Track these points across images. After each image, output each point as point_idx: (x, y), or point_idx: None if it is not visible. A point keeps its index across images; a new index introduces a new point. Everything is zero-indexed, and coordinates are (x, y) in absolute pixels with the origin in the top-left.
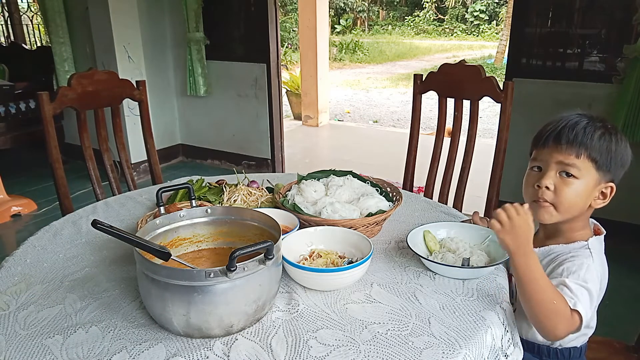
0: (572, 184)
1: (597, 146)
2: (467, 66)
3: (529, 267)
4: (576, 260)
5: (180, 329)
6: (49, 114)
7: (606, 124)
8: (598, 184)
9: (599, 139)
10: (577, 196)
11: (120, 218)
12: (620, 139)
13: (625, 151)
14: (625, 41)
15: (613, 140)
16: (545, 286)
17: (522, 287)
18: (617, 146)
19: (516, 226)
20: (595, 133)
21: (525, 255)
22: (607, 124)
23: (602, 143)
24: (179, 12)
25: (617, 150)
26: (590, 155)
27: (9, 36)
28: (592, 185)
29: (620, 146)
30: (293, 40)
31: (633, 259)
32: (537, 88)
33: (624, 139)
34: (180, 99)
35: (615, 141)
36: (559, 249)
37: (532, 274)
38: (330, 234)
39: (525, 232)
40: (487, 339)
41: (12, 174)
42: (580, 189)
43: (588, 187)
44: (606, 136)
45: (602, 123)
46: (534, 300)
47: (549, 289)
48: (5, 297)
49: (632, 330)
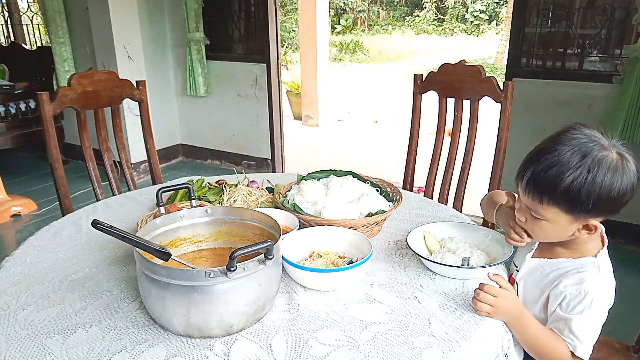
0: (541, 223)
1: (565, 195)
2: (467, 66)
3: (524, 329)
4: (582, 286)
5: (180, 329)
6: (49, 114)
7: (589, 160)
8: (572, 223)
9: (569, 187)
10: (548, 233)
11: (120, 218)
12: (608, 173)
13: (616, 185)
14: (625, 41)
15: (595, 182)
16: (544, 341)
17: (524, 345)
18: (600, 185)
19: (501, 304)
20: (564, 181)
21: (520, 320)
22: (592, 160)
23: (573, 190)
24: (179, 12)
25: (601, 190)
26: (556, 202)
27: (9, 36)
28: (566, 224)
29: (607, 183)
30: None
31: (633, 259)
32: (537, 88)
33: (616, 171)
34: (180, 99)
35: (598, 181)
36: (568, 265)
37: (531, 334)
38: (330, 234)
39: (510, 304)
40: (487, 339)
41: (12, 174)
42: (550, 228)
43: (560, 226)
44: (580, 180)
45: (581, 161)
46: (535, 351)
47: (549, 342)
48: (5, 297)
49: (632, 330)
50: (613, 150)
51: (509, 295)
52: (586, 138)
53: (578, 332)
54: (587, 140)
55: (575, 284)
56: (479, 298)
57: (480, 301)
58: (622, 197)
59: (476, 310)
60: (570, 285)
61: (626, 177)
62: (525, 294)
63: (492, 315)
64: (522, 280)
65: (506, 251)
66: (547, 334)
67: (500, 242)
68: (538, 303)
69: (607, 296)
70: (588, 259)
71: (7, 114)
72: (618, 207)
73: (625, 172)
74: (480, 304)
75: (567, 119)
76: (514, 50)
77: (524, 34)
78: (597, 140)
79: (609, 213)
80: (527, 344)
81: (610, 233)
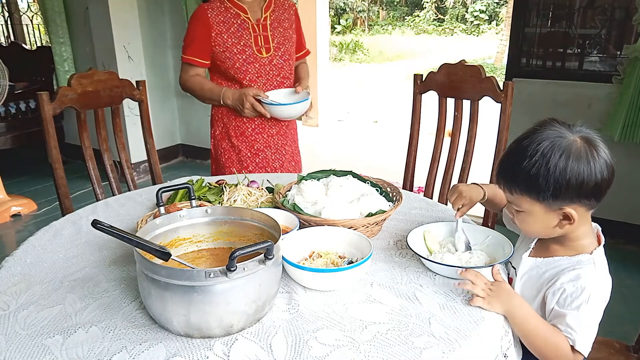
0: (522, 216)
1: (526, 182)
2: (467, 66)
3: (527, 322)
4: (579, 282)
5: (180, 329)
6: (49, 114)
7: (544, 145)
8: (548, 212)
9: (528, 173)
10: (530, 225)
11: (120, 218)
12: (562, 157)
13: (571, 168)
14: (625, 41)
15: (549, 167)
16: (544, 334)
17: (522, 337)
18: (554, 170)
19: (495, 292)
20: (522, 168)
21: (517, 309)
22: (547, 145)
23: (532, 176)
24: (179, 12)
25: (557, 174)
26: (522, 191)
27: (9, 36)
28: (542, 214)
29: (560, 167)
30: None
31: (633, 259)
32: (537, 88)
33: (572, 155)
34: (180, 99)
35: (552, 166)
36: (564, 263)
37: (530, 326)
38: (330, 234)
39: (504, 291)
40: (486, 339)
41: (12, 174)
42: (530, 220)
43: (539, 217)
44: (536, 166)
45: (537, 147)
46: (535, 346)
47: (549, 336)
48: (5, 297)
49: (632, 330)
50: (575, 136)
51: (503, 283)
52: (549, 128)
53: (576, 326)
54: (548, 129)
55: (572, 280)
56: (472, 280)
57: (474, 283)
58: (585, 181)
59: (470, 300)
60: (567, 282)
61: (587, 161)
62: (523, 294)
63: (487, 305)
64: (520, 280)
65: (506, 251)
66: (547, 327)
67: (500, 242)
68: (535, 302)
69: (603, 292)
70: (584, 256)
71: (7, 114)
72: (590, 192)
73: (585, 156)
74: (475, 298)
75: (567, 118)
76: (514, 50)
77: (524, 34)
78: (557, 128)
79: (582, 199)
80: (526, 337)
81: (610, 233)
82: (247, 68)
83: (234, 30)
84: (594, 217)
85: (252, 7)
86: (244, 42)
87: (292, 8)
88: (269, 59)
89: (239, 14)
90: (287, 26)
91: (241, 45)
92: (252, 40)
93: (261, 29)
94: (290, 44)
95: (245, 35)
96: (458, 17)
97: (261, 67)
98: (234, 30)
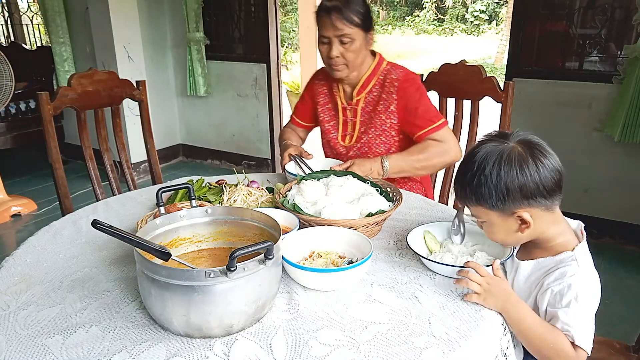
0: (484, 226)
1: (474, 194)
2: (467, 66)
3: (522, 319)
4: (564, 280)
5: (180, 329)
6: (49, 114)
7: (479, 156)
8: (505, 218)
9: (472, 186)
10: (495, 234)
11: (120, 218)
12: (495, 164)
13: (505, 173)
14: (626, 41)
15: (485, 174)
16: (544, 334)
17: (520, 337)
18: (490, 177)
19: (491, 288)
20: (465, 181)
21: (513, 307)
22: (481, 155)
23: (476, 187)
24: (179, 12)
25: (499, 182)
26: (474, 202)
27: (9, 36)
28: (500, 221)
29: (502, 175)
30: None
31: (633, 259)
32: (537, 88)
33: (504, 160)
34: (180, 99)
35: (487, 173)
36: (547, 263)
37: (526, 323)
38: (330, 234)
39: (501, 288)
40: (486, 339)
41: (12, 174)
42: (493, 229)
43: (499, 224)
44: (477, 176)
45: (472, 159)
46: (534, 347)
47: (547, 333)
48: (5, 297)
49: (632, 330)
50: (512, 142)
51: (498, 278)
52: (487, 140)
53: (571, 321)
54: (487, 141)
55: (557, 279)
56: (467, 276)
57: (469, 278)
58: (524, 183)
59: (465, 296)
60: (553, 282)
61: (519, 164)
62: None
63: (483, 301)
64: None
65: (506, 251)
66: (545, 325)
67: None
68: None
69: (591, 286)
70: (566, 253)
71: (7, 114)
72: (535, 193)
73: (518, 160)
74: (470, 294)
75: (567, 119)
76: (514, 50)
77: (524, 34)
78: (494, 138)
79: (530, 200)
80: (524, 336)
81: (610, 233)
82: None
83: (329, 108)
84: (594, 217)
85: (346, 86)
86: (332, 124)
87: (393, 84)
88: (347, 148)
89: (334, 91)
90: (382, 109)
91: (330, 125)
92: (340, 124)
93: (350, 114)
94: (380, 131)
95: (335, 117)
96: (458, 17)
97: (337, 155)
98: (328, 108)
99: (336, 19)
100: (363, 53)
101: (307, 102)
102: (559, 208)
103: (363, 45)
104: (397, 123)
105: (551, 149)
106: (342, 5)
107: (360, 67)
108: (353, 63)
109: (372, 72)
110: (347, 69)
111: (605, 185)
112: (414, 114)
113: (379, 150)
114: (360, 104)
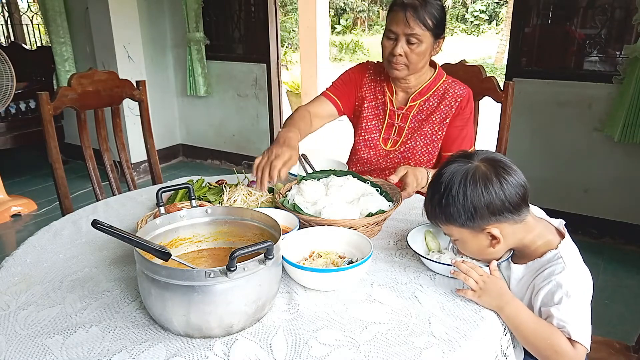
0: (458, 243)
1: (443, 214)
2: (467, 66)
3: (516, 315)
4: (553, 278)
5: (180, 329)
6: (49, 114)
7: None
8: (475, 235)
9: (441, 206)
10: (469, 250)
11: (120, 218)
12: (461, 184)
13: (471, 192)
14: (625, 41)
15: (452, 195)
16: (538, 329)
17: (517, 335)
18: (456, 197)
19: (487, 286)
20: (438, 203)
21: (507, 304)
22: (446, 177)
23: (444, 207)
24: (179, 12)
25: (465, 202)
26: (444, 222)
27: (9, 36)
28: (471, 238)
29: (469, 194)
30: (293, 40)
31: (633, 259)
32: (537, 88)
33: (469, 180)
34: (180, 99)
35: (454, 194)
36: (536, 265)
37: (520, 319)
38: (330, 234)
39: (497, 286)
40: (486, 339)
41: (12, 174)
42: (466, 246)
43: (471, 241)
44: (446, 198)
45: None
46: (532, 345)
47: (545, 331)
48: (5, 297)
49: (632, 330)
50: (476, 161)
51: (495, 277)
52: (452, 161)
53: (565, 317)
54: (452, 162)
55: (546, 278)
56: (464, 271)
57: (466, 274)
58: (490, 201)
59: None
60: (542, 282)
61: (484, 183)
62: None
63: (478, 298)
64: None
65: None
66: (539, 320)
67: None
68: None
69: (580, 281)
70: (550, 252)
71: (7, 114)
72: (501, 209)
73: (483, 179)
74: (466, 290)
75: (567, 119)
76: (514, 50)
77: (524, 34)
78: (459, 159)
79: (498, 216)
80: (520, 333)
81: (610, 233)
82: (364, 144)
83: (374, 106)
84: (593, 217)
85: (400, 90)
86: (374, 124)
87: (456, 99)
88: (387, 151)
89: (385, 92)
90: (437, 120)
91: (372, 125)
92: (384, 126)
93: (399, 119)
94: (429, 140)
95: (379, 118)
96: (458, 17)
97: (374, 156)
98: (374, 106)
99: (410, 16)
100: (426, 58)
101: (350, 88)
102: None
103: (429, 50)
104: (443, 135)
105: (551, 149)
106: (419, 4)
107: (419, 71)
108: (414, 65)
109: (433, 81)
110: (407, 70)
111: (605, 185)
112: (458, 133)
113: (422, 159)
114: (413, 110)
